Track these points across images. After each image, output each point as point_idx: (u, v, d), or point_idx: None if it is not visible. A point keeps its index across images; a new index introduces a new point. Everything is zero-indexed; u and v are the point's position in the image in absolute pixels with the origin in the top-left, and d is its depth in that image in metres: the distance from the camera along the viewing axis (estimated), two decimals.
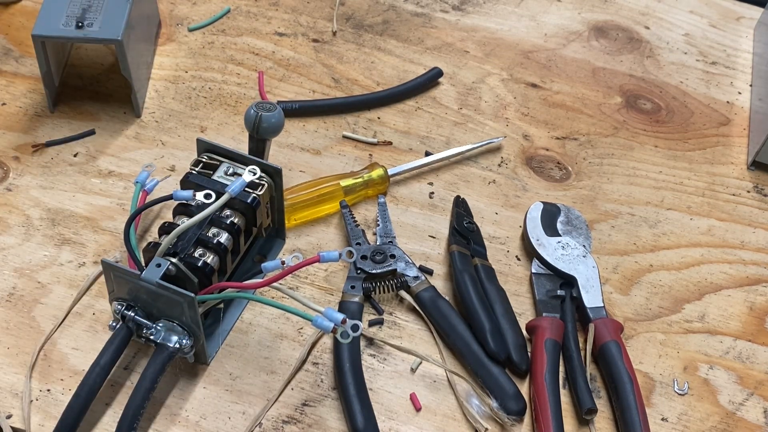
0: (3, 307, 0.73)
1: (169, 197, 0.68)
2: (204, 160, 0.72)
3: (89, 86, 0.89)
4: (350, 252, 0.64)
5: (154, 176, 0.76)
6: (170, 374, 0.69)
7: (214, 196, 0.66)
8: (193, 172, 0.71)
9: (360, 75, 0.93)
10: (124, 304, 0.67)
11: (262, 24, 0.97)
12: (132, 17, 0.82)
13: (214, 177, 0.71)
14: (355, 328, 0.62)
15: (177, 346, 0.66)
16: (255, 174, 0.67)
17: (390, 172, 0.82)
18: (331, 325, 0.62)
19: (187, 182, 0.71)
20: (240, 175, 0.70)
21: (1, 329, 0.71)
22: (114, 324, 0.67)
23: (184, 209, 0.69)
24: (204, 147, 0.72)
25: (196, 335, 0.66)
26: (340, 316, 0.62)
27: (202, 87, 0.90)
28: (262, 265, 0.65)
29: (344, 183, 0.80)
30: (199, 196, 0.67)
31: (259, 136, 0.73)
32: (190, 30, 0.95)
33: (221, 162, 0.72)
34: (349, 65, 0.94)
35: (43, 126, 0.85)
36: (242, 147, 0.78)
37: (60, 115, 0.86)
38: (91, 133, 0.85)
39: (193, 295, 0.63)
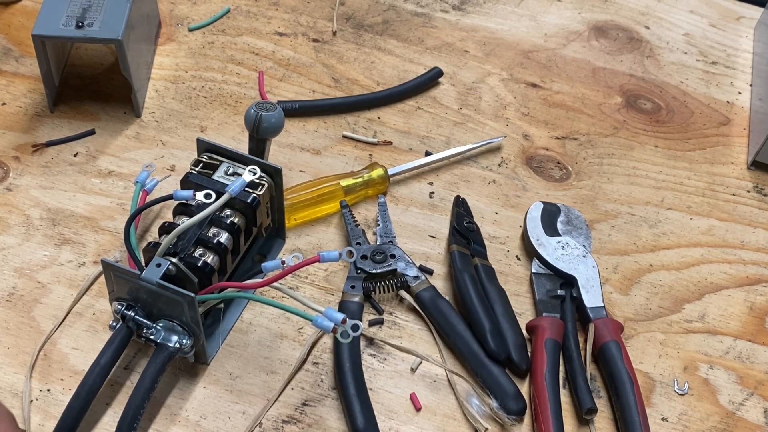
0: (3, 307, 0.73)
1: (169, 197, 0.68)
2: (204, 160, 0.72)
3: (89, 86, 0.89)
4: (350, 252, 0.64)
5: (154, 176, 0.76)
6: (170, 374, 0.69)
7: (214, 195, 0.67)
8: (193, 171, 0.71)
9: (360, 75, 0.93)
10: (124, 304, 0.67)
11: (262, 24, 0.97)
12: (132, 17, 0.82)
13: (214, 177, 0.71)
14: (355, 327, 0.62)
15: (177, 346, 0.66)
16: (255, 174, 0.67)
17: (390, 172, 0.82)
18: (331, 324, 0.62)
19: (187, 182, 0.71)
20: (240, 175, 0.70)
21: (1, 329, 0.71)
22: (114, 324, 0.67)
23: (184, 209, 0.69)
24: (204, 147, 0.72)
25: (196, 335, 0.66)
26: (340, 316, 0.62)
27: (202, 87, 0.90)
28: (262, 265, 0.65)
29: (344, 183, 0.80)
30: (199, 195, 0.67)
31: (259, 136, 0.73)
32: (190, 30, 0.95)
33: (221, 162, 0.72)
34: (349, 65, 0.94)
35: (43, 126, 0.85)
36: (242, 147, 0.78)
37: (60, 115, 0.86)
38: (91, 133, 0.85)
39: (193, 294, 0.63)
